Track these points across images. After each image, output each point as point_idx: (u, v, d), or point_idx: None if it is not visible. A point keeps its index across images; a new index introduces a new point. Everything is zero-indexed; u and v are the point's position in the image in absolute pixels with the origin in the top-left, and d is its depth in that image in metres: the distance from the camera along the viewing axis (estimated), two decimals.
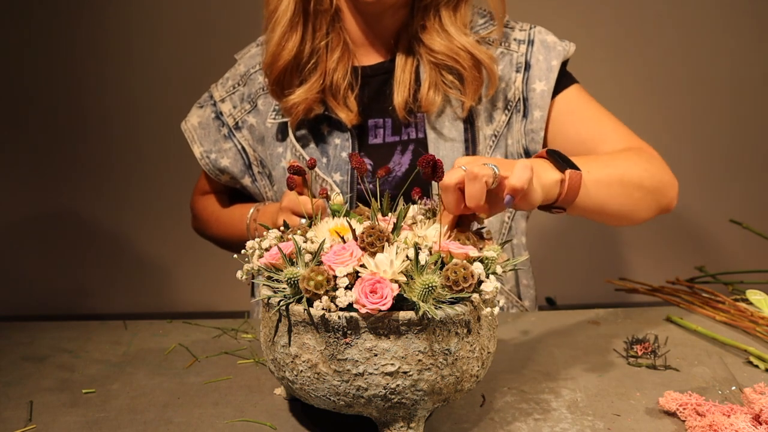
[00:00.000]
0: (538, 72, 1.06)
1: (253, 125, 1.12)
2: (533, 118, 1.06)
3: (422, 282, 0.61)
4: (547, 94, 1.05)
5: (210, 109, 1.14)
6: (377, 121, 1.07)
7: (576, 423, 0.74)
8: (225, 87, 1.14)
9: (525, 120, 1.06)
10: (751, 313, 1.01)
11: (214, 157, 1.13)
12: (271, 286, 0.68)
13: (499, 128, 1.06)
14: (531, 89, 1.06)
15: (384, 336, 0.62)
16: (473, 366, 0.67)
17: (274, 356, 0.68)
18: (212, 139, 1.13)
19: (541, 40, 1.08)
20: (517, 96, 1.06)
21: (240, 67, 1.15)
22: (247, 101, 1.12)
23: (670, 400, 0.76)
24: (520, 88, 1.06)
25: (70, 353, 0.95)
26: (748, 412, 0.72)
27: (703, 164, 2.07)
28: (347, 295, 0.61)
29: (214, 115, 1.14)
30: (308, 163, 0.76)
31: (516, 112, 1.06)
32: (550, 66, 1.05)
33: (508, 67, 1.07)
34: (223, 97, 1.14)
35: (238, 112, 1.12)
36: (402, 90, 1.04)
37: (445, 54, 1.01)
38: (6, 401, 0.80)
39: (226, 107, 1.13)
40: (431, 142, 1.05)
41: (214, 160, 1.13)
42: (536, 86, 1.05)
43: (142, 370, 0.89)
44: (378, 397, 0.63)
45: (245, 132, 1.12)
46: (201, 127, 1.14)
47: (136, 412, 0.78)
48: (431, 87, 1.03)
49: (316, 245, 0.66)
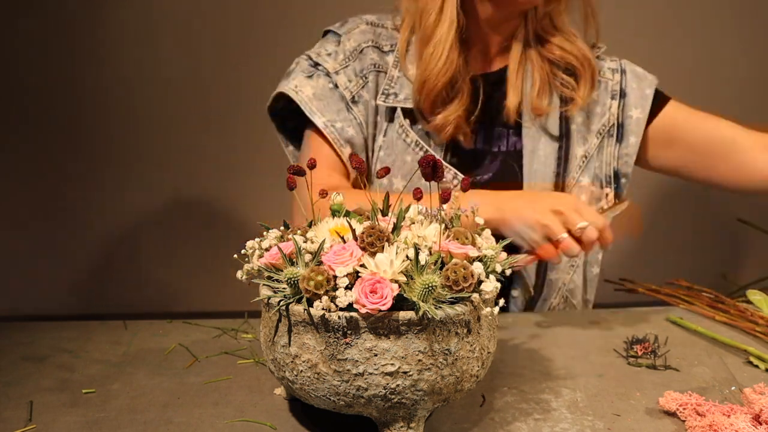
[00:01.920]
0: (634, 100, 1.12)
1: (367, 101, 1.11)
2: (628, 143, 1.12)
3: (422, 282, 0.61)
4: (642, 122, 1.11)
5: (324, 79, 1.11)
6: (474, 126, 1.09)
7: (576, 423, 0.74)
8: (337, 60, 1.12)
9: (619, 145, 1.12)
10: (751, 313, 1.01)
11: (340, 126, 1.09)
12: (271, 286, 0.68)
13: (590, 150, 1.11)
14: (627, 116, 1.12)
15: (384, 336, 0.62)
16: (473, 366, 0.67)
17: (274, 356, 0.68)
18: (334, 108, 1.10)
19: (632, 70, 1.15)
20: (612, 121, 1.12)
21: (350, 42, 1.13)
22: (360, 76, 1.11)
23: (670, 400, 0.76)
24: (615, 114, 1.12)
25: (70, 353, 0.95)
26: (748, 412, 0.72)
27: None
28: (347, 295, 0.61)
29: (332, 85, 1.10)
30: (308, 162, 0.75)
31: (609, 136, 1.12)
32: (644, 95, 1.12)
33: (604, 93, 1.12)
34: (337, 70, 1.11)
35: (354, 86, 1.10)
36: (515, 94, 1.07)
37: (566, 51, 1.07)
38: (6, 401, 0.80)
39: (342, 80, 1.10)
40: (527, 152, 1.08)
41: (340, 129, 1.09)
42: (632, 113, 1.12)
43: (142, 370, 0.89)
44: (378, 397, 0.63)
45: (361, 107, 1.11)
46: (317, 98, 1.10)
47: (136, 412, 0.78)
48: (542, 89, 1.08)
49: (316, 245, 0.66)
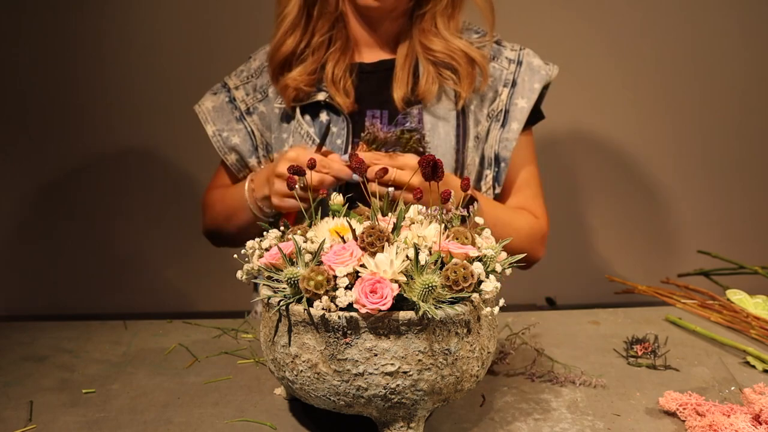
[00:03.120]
0: (522, 90, 1.18)
1: (263, 112, 1.20)
2: (510, 128, 1.17)
3: (422, 282, 0.61)
4: (525, 111, 1.18)
5: (224, 94, 1.23)
6: (374, 112, 1.15)
7: (576, 423, 0.74)
8: (239, 77, 1.24)
9: (502, 129, 1.18)
10: (746, 314, 1.01)
11: (226, 135, 1.21)
12: (271, 286, 0.68)
13: (481, 133, 1.18)
14: (513, 103, 1.18)
15: (384, 336, 0.62)
16: (473, 366, 0.67)
17: (274, 356, 0.68)
18: (225, 119, 1.22)
19: (528, 63, 1.20)
20: (500, 107, 1.18)
21: (254, 62, 1.25)
22: (259, 91, 1.22)
23: (670, 400, 0.76)
24: (504, 101, 1.18)
25: (70, 353, 0.95)
26: (747, 412, 0.72)
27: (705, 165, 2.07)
28: (347, 295, 0.61)
29: (228, 99, 1.23)
30: (308, 162, 0.76)
31: (496, 121, 1.18)
32: (533, 88, 1.18)
33: (499, 81, 1.19)
34: (237, 85, 1.23)
35: (250, 99, 1.22)
36: (400, 86, 1.14)
37: (443, 52, 1.13)
38: (6, 401, 0.80)
39: (240, 94, 1.22)
40: (428, 130, 1.13)
41: (225, 138, 1.21)
42: (518, 102, 1.18)
43: (142, 370, 0.89)
44: (378, 397, 0.63)
45: (255, 117, 1.21)
46: (215, 110, 1.22)
47: (136, 412, 0.78)
48: (429, 79, 1.13)
49: (316, 245, 0.66)
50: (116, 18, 1.96)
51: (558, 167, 2.02)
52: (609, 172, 2.07)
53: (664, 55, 2.02)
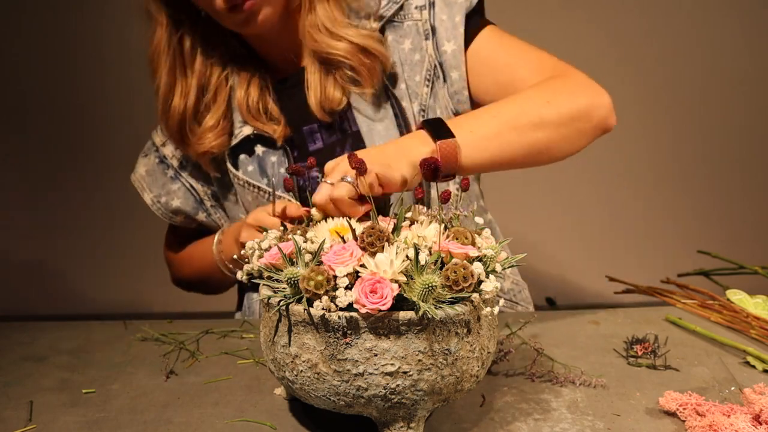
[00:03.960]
0: (444, 33, 1.03)
1: (196, 163, 1.12)
2: (452, 80, 1.04)
3: (422, 282, 0.61)
4: (458, 53, 1.03)
5: (153, 155, 1.15)
6: (312, 127, 1.07)
7: (576, 423, 0.74)
8: (164, 132, 1.13)
9: (446, 84, 1.04)
10: (746, 314, 1.01)
11: (165, 200, 1.14)
12: (271, 286, 0.68)
13: (424, 101, 1.04)
14: (442, 52, 1.04)
15: (384, 336, 0.62)
16: (473, 366, 0.67)
17: (274, 356, 0.68)
18: (160, 183, 1.14)
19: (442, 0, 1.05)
20: (433, 63, 1.04)
21: None
22: None
23: (670, 400, 0.76)
24: (432, 54, 1.04)
25: (70, 353, 0.95)
26: (748, 412, 0.72)
27: (705, 165, 2.07)
28: (347, 295, 0.61)
29: (158, 160, 1.15)
30: (308, 162, 0.76)
31: (436, 79, 1.04)
32: (455, 23, 1.03)
33: (417, 37, 1.04)
34: (163, 142, 1.14)
35: (178, 154, 1.13)
36: (314, 94, 1.03)
37: (329, 53, 1.00)
38: (6, 401, 0.80)
39: (168, 150, 1.14)
40: (365, 133, 1.04)
41: (165, 203, 1.14)
42: (446, 48, 1.03)
43: (142, 370, 0.89)
44: (378, 397, 0.63)
45: (190, 169, 1.13)
46: (148, 174, 1.15)
47: (136, 412, 0.78)
48: (330, 85, 1.03)
49: (316, 245, 0.66)
50: (116, 18, 1.96)
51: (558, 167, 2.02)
52: (609, 172, 2.07)
53: (664, 56, 2.02)
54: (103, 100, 2.01)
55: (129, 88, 1.99)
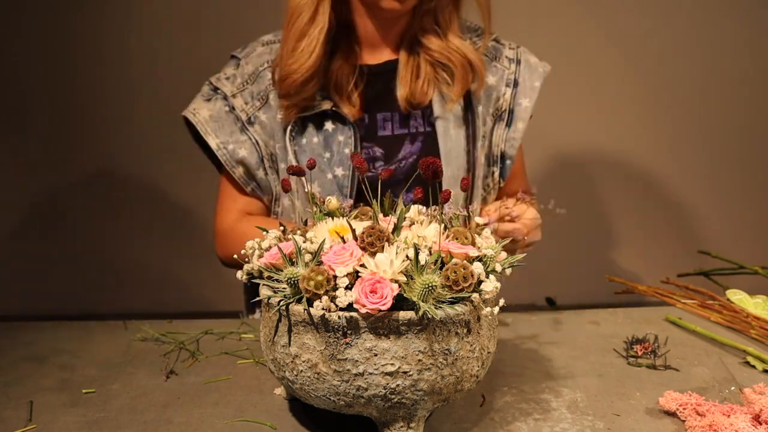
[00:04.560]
0: (523, 90, 1.20)
1: (264, 121, 1.15)
2: (516, 128, 1.20)
3: (422, 282, 0.61)
4: (529, 110, 1.20)
5: (221, 102, 1.16)
6: (385, 115, 1.15)
7: (576, 423, 0.74)
8: (234, 84, 1.17)
9: (508, 129, 1.20)
10: (746, 314, 1.01)
11: (232, 148, 1.15)
12: (271, 286, 0.68)
13: (486, 132, 1.19)
14: (518, 103, 1.20)
15: (384, 336, 0.62)
16: (473, 366, 0.67)
17: (274, 356, 0.68)
18: (228, 130, 1.15)
19: (526, 60, 1.21)
20: (505, 107, 1.20)
21: (248, 66, 1.18)
22: (257, 98, 1.16)
23: (670, 400, 0.76)
24: (508, 101, 1.20)
25: (70, 353, 0.95)
26: (747, 412, 0.72)
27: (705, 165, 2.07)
28: (347, 295, 0.61)
29: (228, 108, 1.15)
30: (308, 163, 0.76)
31: (500, 120, 1.20)
32: (534, 86, 1.20)
33: (501, 81, 1.20)
34: (234, 93, 1.16)
35: (249, 108, 1.15)
36: (404, 85, 1.14)
37: (440, 52, 1.13)
38: (6, 401, 0.80)
39: (238, 102, 1.15)
40: (440, 134, 1.14)
41: (231, 151, 1.15)
42: (522, 102, 1.19)
43: (142, 370, 0.89)
44: (378, 397, 0.63)
45: (257, 127, 1.15)
46: (213, 120, 1.15)
47: (136, 412, 0.78)
48: (425, 81, 1.14)
49: (316, 245, 0.66)
50: (116, 18, 1.96)
51: (557, 167, 2.02)
52: (609, 172, 2.07)
53: (664, 56, 2.02)
54: (103, 100, 2.00)
55: (129, 88, 1.99)
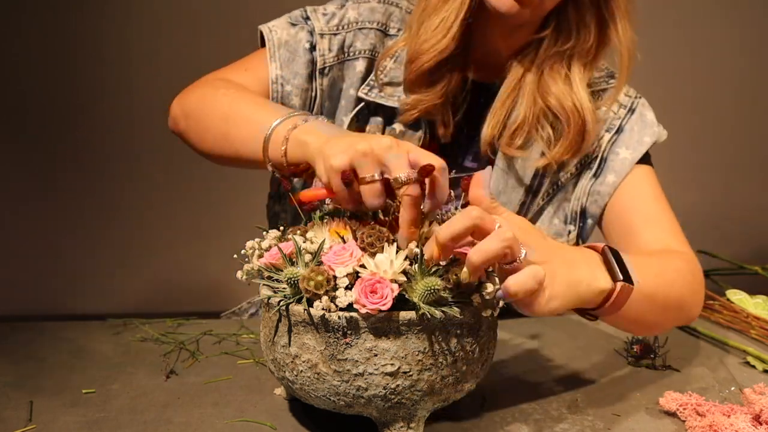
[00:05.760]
0: (627, 140, 1.00)
1: (335, 79, 1.00)
2: (605, 181, 0.99)
3: (425, 284, 0.61)
4: (629, 163, 0.98)
5: (305, 35, 0.99)
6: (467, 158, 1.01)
7: (576, 423, 0.74)
8: (328, 24, 1.00)
9: (595, 180, 0.99)
10: (746, 314, 1.01)
11: (288, 89, 0.98)
12: (271, 286, 0.68)
13: (564, 181, 1.00)
14: (614, 152, 0.99)
15: (384, 336, 0.62)
16: (473, 366, 0.67)
17: (274, 356, 0.68)
18: (294, 69, 0.99)
19: (641, 113, 1.03)
20: (597, 153, 0.99)
21: (353, 12, 1.00)
22: (345, 51, 1.00)
23: (670, 400, 0.76)
24: (603, 147, 0.99)
25: (70, 353, 0.95)
26: (748, 413, 0.72)
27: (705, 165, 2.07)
28: (347, 295, 0.61)
29: (308, 45, 0.99)
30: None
31: (588, 169, 1.00)
32: (642, 140, 1.00)
33: (601, 125, 1.01)
34: (323, 32, 0.99)
35: (330, 56, 0.99)
36: (494, 123, 0.96)
37: (558, 103, 0.93)
38: (6, 401, 0.80)
39: (323, 45, 0.98)
40: (497, 172, 0.98)
41: (283, 91, 0.98)
42: (620, 151, 0.99)
43: (142, 370, 0.89)
44: (378, 397, 0.63)
45: (325, 81, 0.99)
46: (287, 48, 0.99)
47: (136, 412, 0.78)
48: (520, 128, 0.95)
49: (316, 245, 0.66)
50: (116, 18, 1.97)
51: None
52: None
53: (661, 56, 2.02)
54: (103, 100, 2.00)
55: (129, 88, 1.99)
